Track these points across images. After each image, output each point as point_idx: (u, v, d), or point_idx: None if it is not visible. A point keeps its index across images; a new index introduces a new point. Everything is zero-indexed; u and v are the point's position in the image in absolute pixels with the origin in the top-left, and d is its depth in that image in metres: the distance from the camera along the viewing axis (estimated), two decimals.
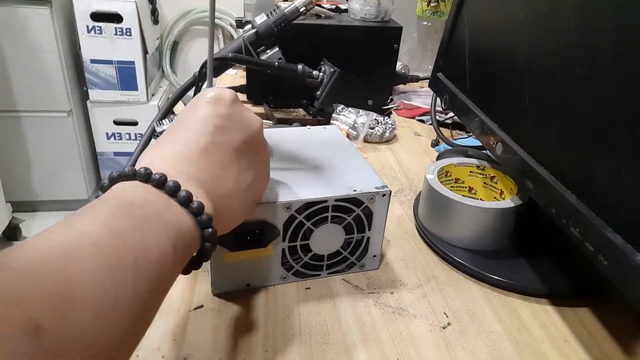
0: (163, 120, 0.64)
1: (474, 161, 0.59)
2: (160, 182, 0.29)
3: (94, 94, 1.93)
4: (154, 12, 2.04)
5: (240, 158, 0.36)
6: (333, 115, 0.82)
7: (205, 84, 0.56)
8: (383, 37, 0.88)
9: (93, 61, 1.88)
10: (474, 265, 0.50)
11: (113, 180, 0.30)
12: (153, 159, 0.32)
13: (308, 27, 0.85)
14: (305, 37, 0.85)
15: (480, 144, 0.70)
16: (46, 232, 0.24)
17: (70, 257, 0.22)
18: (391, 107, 0.95)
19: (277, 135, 0.56)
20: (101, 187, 0.30)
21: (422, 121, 0.93)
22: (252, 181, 0.37)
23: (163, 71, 2.26)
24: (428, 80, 0.75)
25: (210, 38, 0.45)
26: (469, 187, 0.61)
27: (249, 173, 0.37)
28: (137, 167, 0.30)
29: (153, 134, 0.63)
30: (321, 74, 0.82)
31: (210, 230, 0.31)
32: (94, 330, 0.22)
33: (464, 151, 0.66)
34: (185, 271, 0.32)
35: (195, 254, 0.32)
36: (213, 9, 0.39)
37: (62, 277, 0.21)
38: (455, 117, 0.85)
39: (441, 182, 0.54)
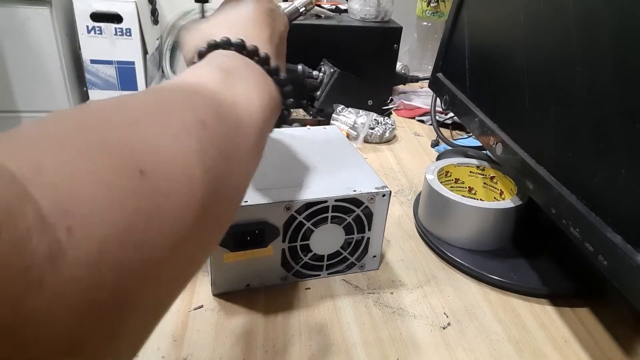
0: None
1: (474, 161, 0.59)
2: (253, 52, 0.32)
3: (94, 94, 1.92)
4: (154, 13, 2.03)
5: (283, 43, 0.39)
6: (333, 115, 0.81)
7: None
8: (383, 37, 0.88)
9: (93, 61, 1.87)
10: (474, 265, 0.50)
11: (211, 47, 0.33)
12: (234, 33, 0.34)
13: (308, 27, 0.85)
14: (305, 37, 0.85)
15: (480, 144, 0.70)
16: (170, 80, 0.27)
17: (201, 87, 0.27)
18: (391, 107, 0.95)
19: (277, 135, 0.56)
20: (199, 53, 0.33)
21: (422, 121, 0.93)
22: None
23: (163, 71, 2.26)
24: (428, 80, 0.75)
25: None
26: (469, 187, 0.61)
27: (284, 55, 0.41)
28: (215, 36, 0.33)
29: None
30: (321, 74, 0.82)
31: (291, 100, 0.35)
32: (235, 137, 0.26)
33: (464, 151, 0.66)
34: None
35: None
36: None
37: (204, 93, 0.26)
38: (455, 117, 0.85)
39: (441, 182, 0.54)
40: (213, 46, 0.33)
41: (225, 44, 0.32)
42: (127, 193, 0.17)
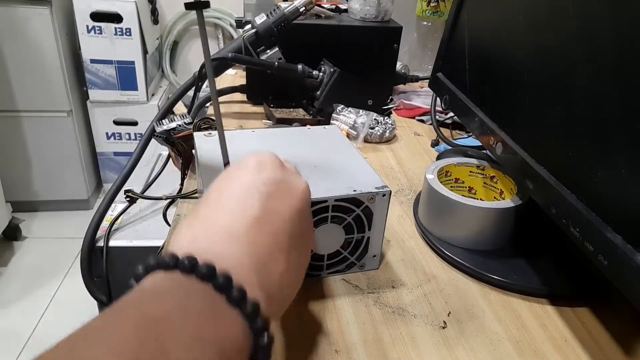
0: (163, 120, 0.64)
1: (474, 161, 0.59)
2: (207, 275, 0.24)
3: (93, 93, 1.92)
4: (154, 12, 2.03)
5: (292, 228, 0.30)
6: (333, 115, 0.81)
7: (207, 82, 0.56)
8: (383, 37, 0.88)
9: (93, 61, 1.88)
10: (474, 265, 0.50)
11: (149, 269, 0.25)
12: (196, 237, 0.27)
13: (308, 27, 0.85)
14: (305, 37, 0.85)
15: (480, 144, 0.70)
16: None
17: None
18: (391, 107, 0.95)
19: (277, 135, 0.56)
20: (134, 275, 0.25)
21: (422, 121, 0.93)
22: (303, 255, 0.32)
23: (163, 71, 2.26)
24: (428, 80, 0.75)
25: (203, 43, 0.44)
26: (469, 187, 0.61)
27: (300, 246, 0.31)
28: (177, 246, 0.25)
29: (153, 134, 0.63)
30: (321, 74, 0.82)
31: (265, 339, 0.24)
32: None
33: (464, 151, 0.66)
34: None
35: None
36: (202, 18, 0.38)
37: None
38: (455, 117, 0.85)
39: (441, 182, 0.54)
40: (152, 267, 0.25)
41: (169, 265, 0.24)
42: None
